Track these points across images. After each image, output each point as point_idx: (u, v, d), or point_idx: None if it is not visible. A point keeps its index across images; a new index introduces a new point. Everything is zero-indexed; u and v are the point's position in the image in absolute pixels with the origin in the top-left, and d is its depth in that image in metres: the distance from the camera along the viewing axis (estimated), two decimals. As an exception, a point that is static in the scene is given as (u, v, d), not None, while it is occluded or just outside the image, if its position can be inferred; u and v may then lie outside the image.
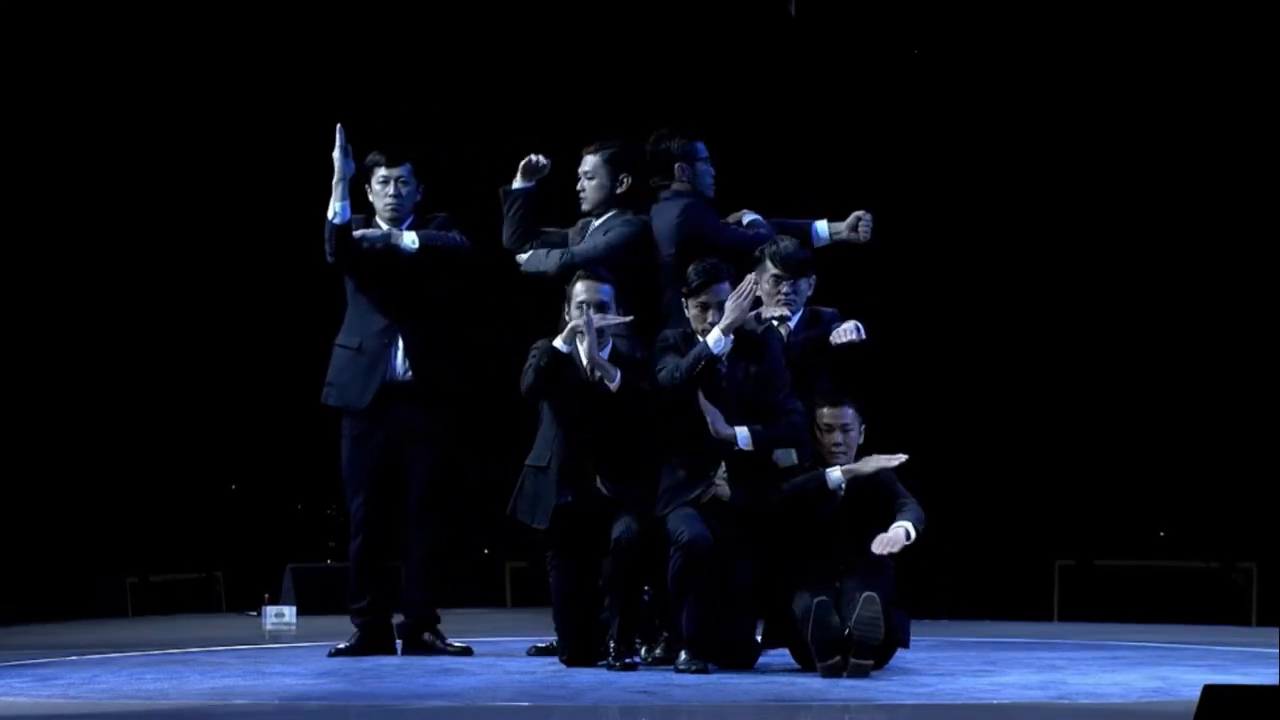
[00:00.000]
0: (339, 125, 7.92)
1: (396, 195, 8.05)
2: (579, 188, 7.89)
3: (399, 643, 8.14)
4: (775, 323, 7.61)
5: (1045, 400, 12.04)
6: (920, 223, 12.15)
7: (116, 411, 12.17)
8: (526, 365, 7.42)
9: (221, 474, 12.76)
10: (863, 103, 12.15)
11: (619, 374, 7.27)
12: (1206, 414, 11.66)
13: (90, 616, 11.53)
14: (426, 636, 8.08)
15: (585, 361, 7.31)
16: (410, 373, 8.03)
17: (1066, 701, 6.21)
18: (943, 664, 7.52)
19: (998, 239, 12.14)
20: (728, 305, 7.23)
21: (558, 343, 7.35)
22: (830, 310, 7.73)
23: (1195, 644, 8.71)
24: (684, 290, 7.36)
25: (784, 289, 7.61)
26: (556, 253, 7.79)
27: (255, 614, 11.09)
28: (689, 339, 7.31)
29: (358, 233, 7.97)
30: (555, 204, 8.14)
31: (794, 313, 7.67)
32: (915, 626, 7.33)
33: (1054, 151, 12.01)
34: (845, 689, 6.53)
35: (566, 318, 7.45)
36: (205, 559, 12.54)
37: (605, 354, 7.33)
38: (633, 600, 7.26)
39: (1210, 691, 4.65)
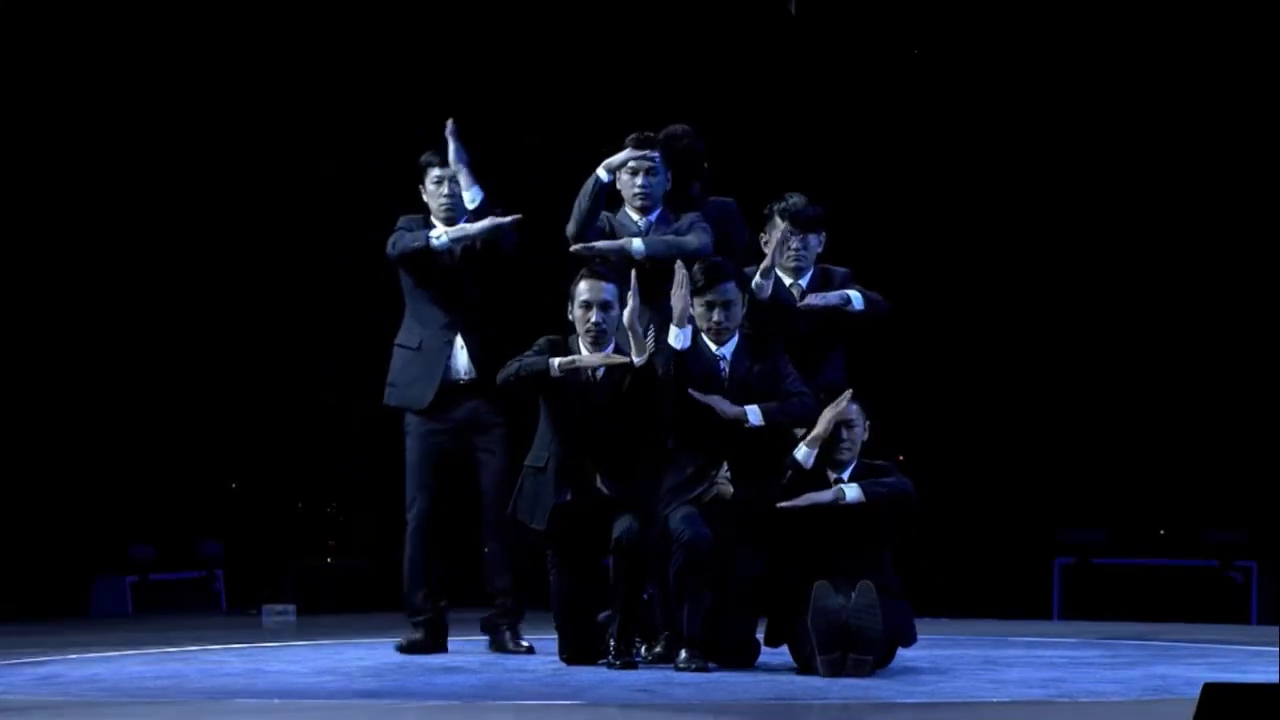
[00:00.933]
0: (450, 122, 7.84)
1: (451, 195, 8.00)
2: (641, 183, 7.60)
3: (487, 639, 8.08)
4: (787, 281, 7.58)
5: (1045, 399, 12.04)
6: (918, 223, 12.15)
7: (116, 410, 12.16)
8: (516, 358, 7.41)
9: (222, 473, 12.75)
10: (862, 103, 12.15)
11: (648, 352, 7.23)
12: (1206, 413, 11.66)
13: (90, 616, 11.52)
14: (506, 634, 8.00)
15: (625, 323, 7.19)
16: (473, 369, 8.01)
17: (1067, 700, 6.21)
18: (943, 663, 7.51)
19: (996, 238, 12.14)
20: (673, 300, 7.19)
21: (554, 362, 7.32)
22: (842, 270, 7.66)
23: (1195, 643, 8.70)
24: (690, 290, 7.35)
25: (794, 245, 7.59)
26: (691, 241, 7.52)
27: (255, 613, 11.09)
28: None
29: (436, 245, 7.89)
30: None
31: (805, 271, 7.62)
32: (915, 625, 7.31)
33: (1051, 149, 12.00)
34: (845, 687, 6.53)
35: (570, 316, 7.44)
36: (205, 558, 12.54)
37: (609, 350, 7.34)
38: (633, 599, 7.26)
39: (1210, 690, 4.65)
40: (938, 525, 11.71)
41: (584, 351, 7.35)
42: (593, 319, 7.31)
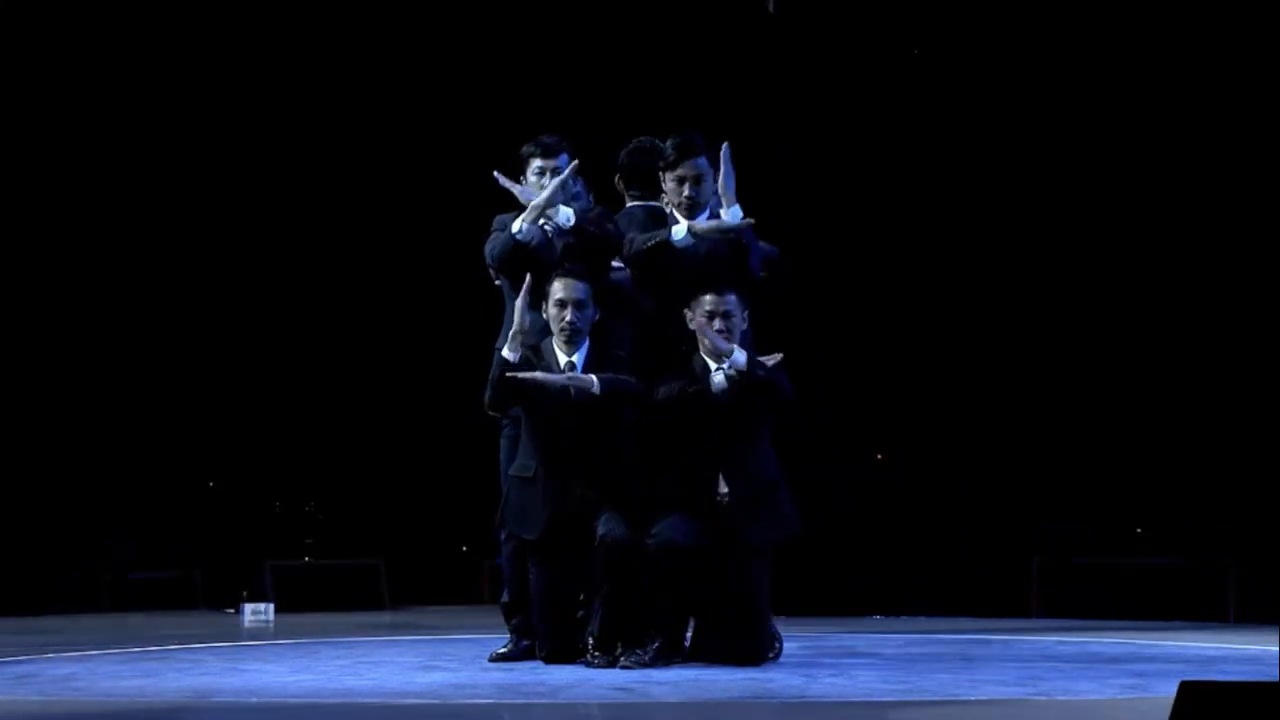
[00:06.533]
0: (496, 174, 7.57)
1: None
2: (691, 192, 7.45)
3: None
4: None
5: (1023, 397, 12.05)
6: (902, 219, 12.16)
7: (95, 408, 12.14)
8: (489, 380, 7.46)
9: (199, 471, 12.73)
10: (858, 103, 12.15)
11: (596, 380, 7.27)
12: (1185, 410, 11.68)
13: (67, 614, 11.49)
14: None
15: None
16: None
17: (1044, 698, 6.22)
18: (921, 660, 7.53)
19: (978, 234, 12.15)
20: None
21: (505, 352, 7.32)
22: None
23: (1172, 641, 8.72)
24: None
25: (687, 193, 7.47)
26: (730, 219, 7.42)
27: (233, 611, 11.06)
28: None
29: (520, 235, 7.58)
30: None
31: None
32: (893, 623, 7.33)
33: (1030, 144, 12.01)
34: (825, 685, 6.54)
35: (544, 315, 7.45)
36: (183, 556, 12.51)
37: (583, 354, 7.35)
38: (615, 598, 7.25)
39: (1187, 688, 4.66)
40: (916, 522, 11.74)
41: (558, 351, 7.40)
42: (567, 318, 7.35)
